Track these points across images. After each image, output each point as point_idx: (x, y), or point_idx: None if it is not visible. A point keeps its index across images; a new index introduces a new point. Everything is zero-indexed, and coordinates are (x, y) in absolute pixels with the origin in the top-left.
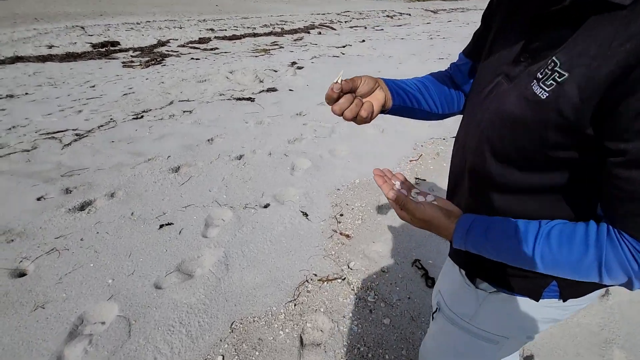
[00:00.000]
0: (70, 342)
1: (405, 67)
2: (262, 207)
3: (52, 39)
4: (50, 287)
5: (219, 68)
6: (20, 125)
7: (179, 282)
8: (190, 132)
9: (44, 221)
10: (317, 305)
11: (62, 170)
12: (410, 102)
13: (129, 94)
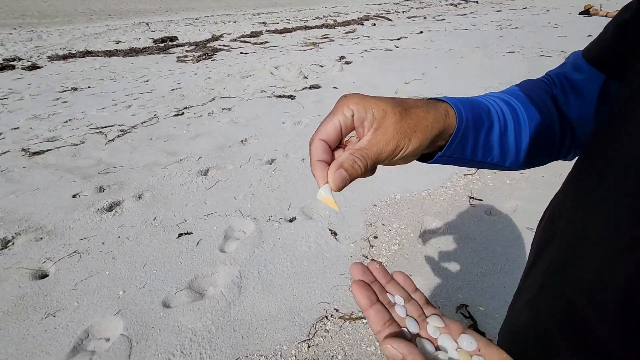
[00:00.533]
0: (72, 359)
1: (466, 63)
2: (287, 221)
3: (119, 34)
4: (65, 294)
5: (265, 63)
6: (76, 118)
7: (188, 301)
8: (226, 131)
9: (73, 220)
10: (335, 351)
11: (101, 167)
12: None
13: (176, 89)
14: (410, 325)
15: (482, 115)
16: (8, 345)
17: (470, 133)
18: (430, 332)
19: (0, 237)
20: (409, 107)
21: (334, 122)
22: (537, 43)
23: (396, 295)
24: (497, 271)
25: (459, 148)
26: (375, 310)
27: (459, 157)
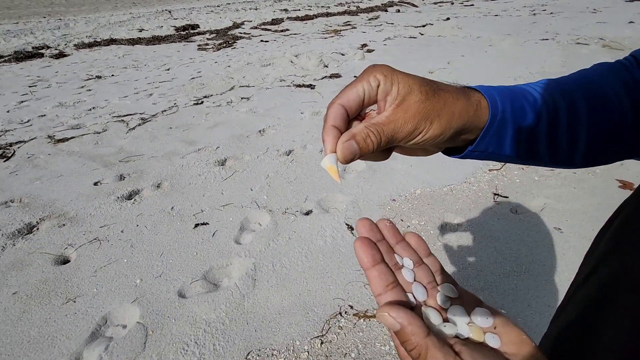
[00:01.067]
0: (91, 344)
1: (495, 51)
2: (302, 214)
3: (143, 22)
4: (85, 280)
5: (285, 51)
6: (99, 106)
7: (203, 292)
8: (244, 121)
9: (94, 208)
10: (348, 348)
11: (122, 155)
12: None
13: (196, 77)
14: (417, 292)
15: (526, 107)
16: (31, 328)
17: (509, 126)
18: (440, 301)
19: (26, 222)
20: (438, 89)
21: (357, 89)
22: (573, 30)
23: (405, 257)
24: (521, 272)
25: (494, 142)
26: (377, 271)
27: (495, 152)
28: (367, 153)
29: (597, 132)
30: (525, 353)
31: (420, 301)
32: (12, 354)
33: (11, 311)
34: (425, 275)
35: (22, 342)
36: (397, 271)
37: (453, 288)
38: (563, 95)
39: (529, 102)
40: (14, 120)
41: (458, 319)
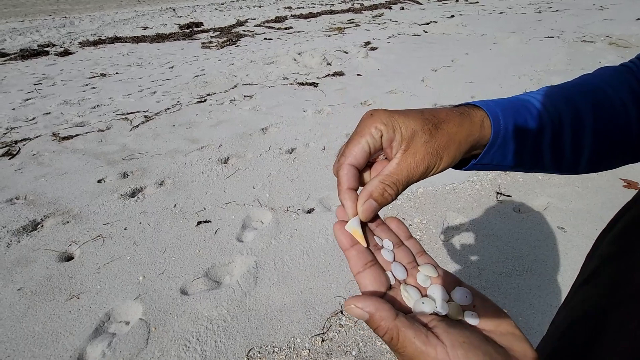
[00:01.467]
0: (94, 340)
1: (500, 49)
2: (305, 212)
3: (147, 20)
4: (89, 277)
5: (288, 49)
6: (104, 104)
7: (205, 289)
8: (247, 119)
9: (98, 205)
10: (349, 347)
11: (125, 153)
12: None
13: (199, 75)
14: (397, 271)
15: (528, 120)
16: (36, 324)
17: (511, 141)
18: (420, 280)
19: (31, 219)
20: (440, 123)
21: (362, 145)
22: (579, 27)
23: (385, 239)
24: (523, 272)
25: (498, 156)
26: (356, 250)
27: (499, 164)
28: (386, 204)
29: (602, 139)
30: (503, 330)
31: (400, 279)
32: (17, 349)
33: (16, 307)
34: (406, 255)
35: (27, 337)
36: (376, 252)
37: (434, 268)
38: (567, 104)
39: (532, 114)
40: (19, 117)
41: (437, 297)
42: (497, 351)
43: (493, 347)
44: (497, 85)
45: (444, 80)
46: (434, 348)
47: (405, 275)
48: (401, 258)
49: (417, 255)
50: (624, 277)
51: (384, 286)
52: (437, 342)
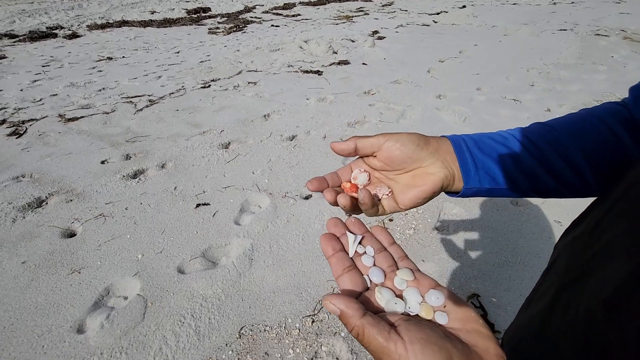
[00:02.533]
0: (93, 312)
1: (510, 40)
2: (302, 198)
3: (155, 4)
4: (90, 253)
5: (294, 37)
6: (109, 87)
7: (201, 269)
8: (250, 105)
9: (100, 185)
10: (338, 328)
11: (129, 135)
12: (508, 181)
13: (205, 61)
14: (374, 275)
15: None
16: (38, 295)
17: (490, 163)
18: (397, 283)
19: (36, 196)
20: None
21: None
22: (593, 20)
23: (367, 246)
24: (516, 263)
25: (487, 179)
26: (336, 258)
27: (495, 188)
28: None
29: (597, 160)
30: (469, 328)
31: (377, 283)
32: (20, 318)
33: (20, 279)
34: (386, 260)
35: (30, 308)
36: (357, 258)
37: (410, 272)
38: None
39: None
40: (27, 98)
41: (411, 298)
42: (455, 346)
43: (452, 343)
44: (504, 78)
45: (450, 72)
46: (394, 343)
47: (383, 279)
48: (381, 263)
49: (399, 260)
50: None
51: (359, 287)
52: (398, 338)
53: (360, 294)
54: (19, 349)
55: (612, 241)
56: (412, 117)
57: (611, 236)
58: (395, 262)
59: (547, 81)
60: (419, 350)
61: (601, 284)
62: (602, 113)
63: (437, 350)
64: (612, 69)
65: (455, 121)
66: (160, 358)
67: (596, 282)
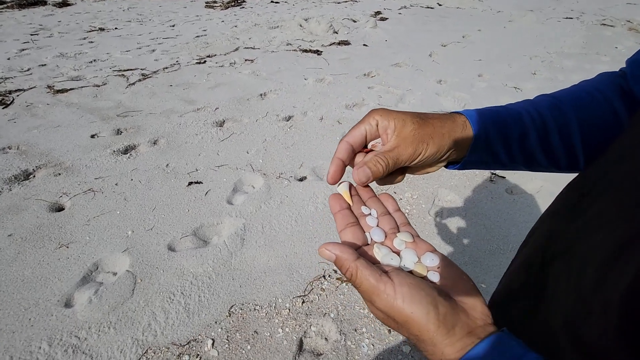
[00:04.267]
0: (81, 287)
1: (514, 27)
2: (296, 180)
3: None
4: (78, 228)
5: (295, 14)
6: (101, 59)
7: (192, 247)
8: (246, 83)
9: (90, 159)
10: (328, 309)
11: (120, 109)
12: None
13: (201, 36)
14: (375, 234)
15: (509, 122)
16: (25, 268)
17: (495, 140)
18: (396, 244)
19: (23, 169)
20: (427, 118)
21: (360, 129)
22: (600, 9)
23: (373, 209)
24: (507, 251)
25: (487, 154)
26: (342, 214)
27: (493, 162)
28: (378, 175)
29: (590, 135)
30: (460, 288)
31: (376, 241)
32: (6, 291)
33: (6, 252)
34: (388, 223)
35: (17, 281)
36: (361, 218)
37: (410, 235)
38: (550, 107)
39: (513, 118)
40: (14, 67)
41: (407, 257)
42: (442, 296)
43: (438, 292)
44: (506, 65)
45: (452, 57)
46: (384, 284)
47: (383, 239)
48: (384, 225)
49: (401, 225)
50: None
51: (359, 242)
52: (388, 280)
53: (359, 247)
54: (5, 321)
55: (599, 213)
56: (411, 101)
57: (597, 209)
58: (398, 227)
59: (550, 70)
60: (407, 292)
61: (590, 255)
62: (605, 87)
63: (423, 295)
64: (615, 60)
65: (454, 107)
66: (149, 334)
67: (585, 253)
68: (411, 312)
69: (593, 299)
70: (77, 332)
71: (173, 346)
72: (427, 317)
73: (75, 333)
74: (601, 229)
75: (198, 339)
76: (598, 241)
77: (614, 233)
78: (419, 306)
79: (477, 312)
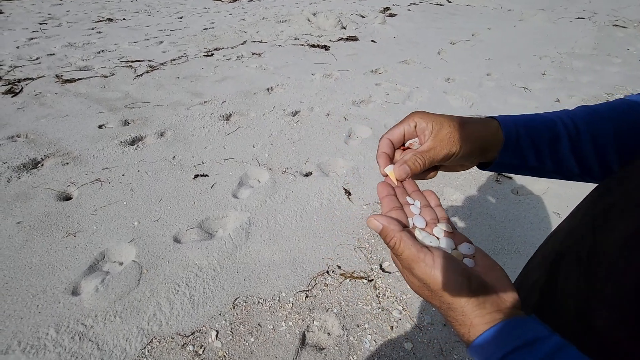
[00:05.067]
0: (88, 276)
1: (525, 26)
2: (302, 175)
3: None
4: (86, 217)
5: (303, 8)
6: (109, 50)
7: (197, 239)
8: (253, 77)
9: (97, 150)
10: (332, 304)
11: (128, 100)
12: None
13: (208, 28)
14: (417, 220)
15: (540, 127)
16: (33, 256)
17: (525, 144)
18: (435, 232)
19: (31, 157)
20: (463, 122)
21: (400, 128)
22: (613, 10)
23: (416, 200)
24: (511, 251)
25: (516, 157)
26: (388, 199)
27: (523, 166)
28: (416, 172)
29: (627, 147)
30: (494, 274)
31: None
32: (14, 277)
33: (15, 239)
34: (429, 214)
35: (25, 268)
36: (405, 206)
37: (449, 226)
38: (586, 116)
39: (546, 125)
40: (23, 56)
41: (445, 243)
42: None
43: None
44: (515, 65)
45: (461, 55)
46: (424, 254)
47: (424, 226)
48: (425, 215)
49: (441, 219)
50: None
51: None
52: (428, 251)
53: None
54: (13, 307)
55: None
56: (419, 99)
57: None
58: (438, 220)
59: (559, 71)
60: (444, 263)
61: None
62: None
63: (458, 269)
64: (626, 61)
65: (462, 106)
66: (154, 323)
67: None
68: (446, 281)
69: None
70: (83, 320)
71: (178, 336)
72: (460, 288)
73: (82, 321)
74: (616, 228)
75: (202, 330)
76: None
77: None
78: (453, 277)
79: (507, 297)
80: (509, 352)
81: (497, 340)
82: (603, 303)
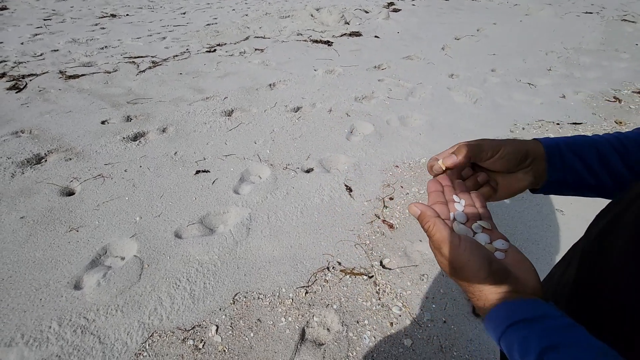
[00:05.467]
0: (90, 270)
1: (531, 21)
2: (303, 171)
3: None
4: (88, 212)
5: (306, 4)
6: (112, 46)
7: (198, 235)
8: (255, 73)
9: (100, 145)
10: (331, 300)
11: (130, 96)
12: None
13: (211, 24)
14: (458, 215)
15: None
16: (36, 250)
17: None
18: (474, 227)
19: (35, 152)
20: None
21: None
22: (621, 4)
23: (462, 199)
24: None
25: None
26: (435, 194)
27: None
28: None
29: None
30: (520, 267)
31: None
32: (18, 271)
33: (19, 233)
34: (472, 212)
35: (28, 262)
36: (450, 202)
37: (489, 224)
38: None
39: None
40: (27, 52)
41: (480, 237)
42: (496, 260)
43: (494, 259)
44: (520, 61)
45: (466, 50)
46: (455, 238)
47: (464, 221)
48: (468, 212)
49: (484, 218)
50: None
51: (443, 216)
52: (457, 236)
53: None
54: (17, 301)
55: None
56: (422, 95)
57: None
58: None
59: (566, 66)
60: (469, 246)
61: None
62: None
63: (482, 252)
64: (634, 57)
65: (466, 102)
66: (155, 317)
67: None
68: (468, 260)
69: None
70: (85, 314)
71: (178, 331)
72: (480, 267)
73: (84, 314)
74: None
75: (202, 325)
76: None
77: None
78: (476, 257)
79: (529, 283)
80: (516, 321)
81: (507, 311)
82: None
